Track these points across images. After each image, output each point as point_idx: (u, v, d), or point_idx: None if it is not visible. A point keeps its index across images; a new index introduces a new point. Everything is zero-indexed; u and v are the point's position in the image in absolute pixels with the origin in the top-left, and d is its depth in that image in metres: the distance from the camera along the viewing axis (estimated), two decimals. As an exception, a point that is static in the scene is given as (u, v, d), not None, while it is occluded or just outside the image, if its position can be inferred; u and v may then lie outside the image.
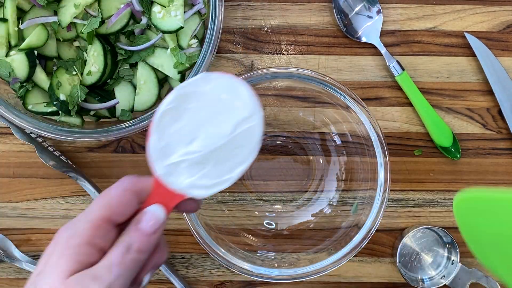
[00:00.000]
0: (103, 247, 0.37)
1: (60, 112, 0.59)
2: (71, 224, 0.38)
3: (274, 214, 0.63)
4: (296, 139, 0.63)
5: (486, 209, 0.31)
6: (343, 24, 0.63)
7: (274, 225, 0.63)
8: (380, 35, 0.63)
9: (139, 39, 0.59)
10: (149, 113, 0.56)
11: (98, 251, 0.37)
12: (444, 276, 0.62)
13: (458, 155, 0.63)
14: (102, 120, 0.62)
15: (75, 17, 0.58)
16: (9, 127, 0.62)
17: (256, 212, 0.63)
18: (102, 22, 0.58)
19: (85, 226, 0.37)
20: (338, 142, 0.62)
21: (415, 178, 0.64)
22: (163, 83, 0.62)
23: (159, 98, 0.60)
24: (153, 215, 0.39)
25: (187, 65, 0.59)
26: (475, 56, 0.63)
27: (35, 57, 0.58)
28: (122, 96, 0.60)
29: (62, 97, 0.58)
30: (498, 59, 0.63)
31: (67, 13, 0.57)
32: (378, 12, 0.63)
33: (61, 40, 0.60)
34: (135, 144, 0.64)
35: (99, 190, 0.62)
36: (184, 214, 0.55)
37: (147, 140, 0.41)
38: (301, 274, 0.56)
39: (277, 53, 0.64)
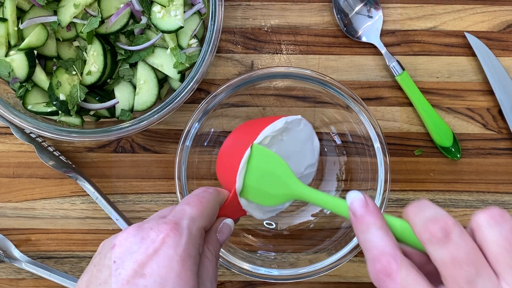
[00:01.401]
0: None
1: (59, 112, 0.59)
2: (180, 229, 0.37)
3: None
4: (296, 139, 0.63)
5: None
6: (343, 24, 0.63)
7: (274, 225, 0.62)
8: (380, 35, 0.63)
9: (138, 39, 0.59)
10: (148, 113, 0.56)
11: None
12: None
13: (458, 155, 0.63)
14: (102, 120, 0.62)
15: (74, 17, 0.58)
16: (8, 127, 0.62)
17: (256, 212, 0.63)
18: (102, 22, 0.58)
19: (196, 234, 0.38)
20: (338, 142, 0.62)
21: (415, 178, 0.64)
22: (163, 83, 0.62)
23: (159, 98, 0.60)
24: (230, 228, 0.43)
25: (187, 65, 0.59)
26: (476, 56, 0.63)
27: (34, 57, 0.58)
28: (122, 96, 0.60)
29: (62, 97, 0.58)
30: (498, 59, 0.63)
31: (67, 13, 0.57)
32: (378, 11, 0.63)
33: (61, 40, 0.60)
34: (135, 144, 0.64)
35: (99, 190, 0.62)
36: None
37: (242, 155, 0.44)
38: (301, 274, 0.56)
39: (277, 53, 0.64)
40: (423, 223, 0.34)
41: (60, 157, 0.63)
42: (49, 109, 0.59)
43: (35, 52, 0.58)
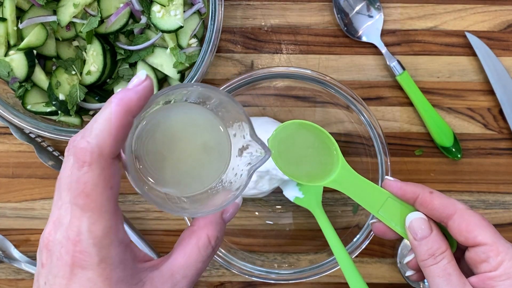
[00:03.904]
0: None
1: (59, 112, 0.59)
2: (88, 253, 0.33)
3: (274, 214, 0.63)
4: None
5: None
6: (343, 23, 0.63)
7: (274, 225, 0.62)
8: (381, 34, 0.63)
9: (138, 38, 0.59)
10: (148, 113, 0.56)
11: None
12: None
13: (459, 155, 0.63)
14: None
15: (74, 17, 0.57)
16: (8, 127, 0.62)
17: (256, 212, 0.63)
18: (102, 22, 0.58)
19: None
20: (338, 142, 0.62)
21: (416, 178, 0.64)
22: (163, 83, 0.62)
23: (159, 98, 0.60)
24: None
25: (187, 65, 0.58)
26: (476, 55, 0.63)
27: (34, 56, 0.58)
28: (122, 95, 0.60)
29: (61, 96, 0.58)
30: (499, 59, 0.62)
31: (66, 13, 0.57)
32: (379, 11, 0.63)
33: (60, 39, 0.59)
34: (135, 144, 0.64)
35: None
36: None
37: None
38: (302, 275, 0.56)
39: (277, 53, 0.64)
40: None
41: (60, 157, 0.63)
42: (48, 109, 0.59)
43: (35, 52, 0.58)
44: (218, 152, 0.40)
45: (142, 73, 0.34)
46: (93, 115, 0.61)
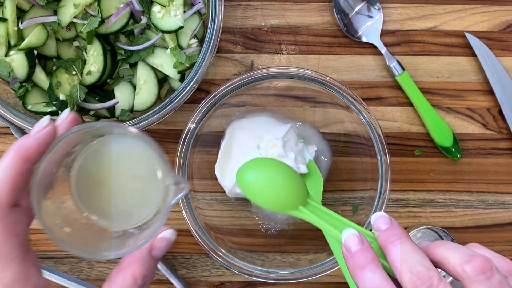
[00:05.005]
0: None
1: (59, 112, 0.59)
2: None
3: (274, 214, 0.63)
4: (296, 139, 0.63)
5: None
6: (343, 23, 0.63)
7: (274, 225, 0.62)
8: (381, 34, 0.63)
9: (138, 38, 0.59)
10: (148, 113, 0.56)
11: None
12: (444, 276, 0.62)
13: (458, 155, 0.63)
14: (101, 120, 0.62)
15: (74, 17, 0.58)
16: (8, 127, 0.62)
17: (256, 212, 0.63)
18: (102, 22, 0.58)
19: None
20: (339, 142, 0.62)
21: (416, 178, 0.64)
22: (163, 83, 0.62)
23: (159, 98, 0.60)
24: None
25: (187, 65, 0.58)
26: (476, 56, 0.63)
27: (34, 56, 0.58)
28: (122, 96, 0.60)
29: (62, 97, 0.58)
30: (498, 59, 0.63)
31: (67, 13, 0.57)
32: (379, 11, 0.63)
33: (61, 39, 0.60)
34: (135, 144, 0.64)
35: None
36: (184, 214, 0.54)
37: None
38: (302, 275, 0.56)
39: (277, 53, 0.64)
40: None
41: (60, 157, 0.63)
42: (49, 109, 0.59)
43: (35, 52, 0.58)
44: (151, 185, 0.38)
45: (45, 119, 0.34)
46: (93, 115, 0.61)
